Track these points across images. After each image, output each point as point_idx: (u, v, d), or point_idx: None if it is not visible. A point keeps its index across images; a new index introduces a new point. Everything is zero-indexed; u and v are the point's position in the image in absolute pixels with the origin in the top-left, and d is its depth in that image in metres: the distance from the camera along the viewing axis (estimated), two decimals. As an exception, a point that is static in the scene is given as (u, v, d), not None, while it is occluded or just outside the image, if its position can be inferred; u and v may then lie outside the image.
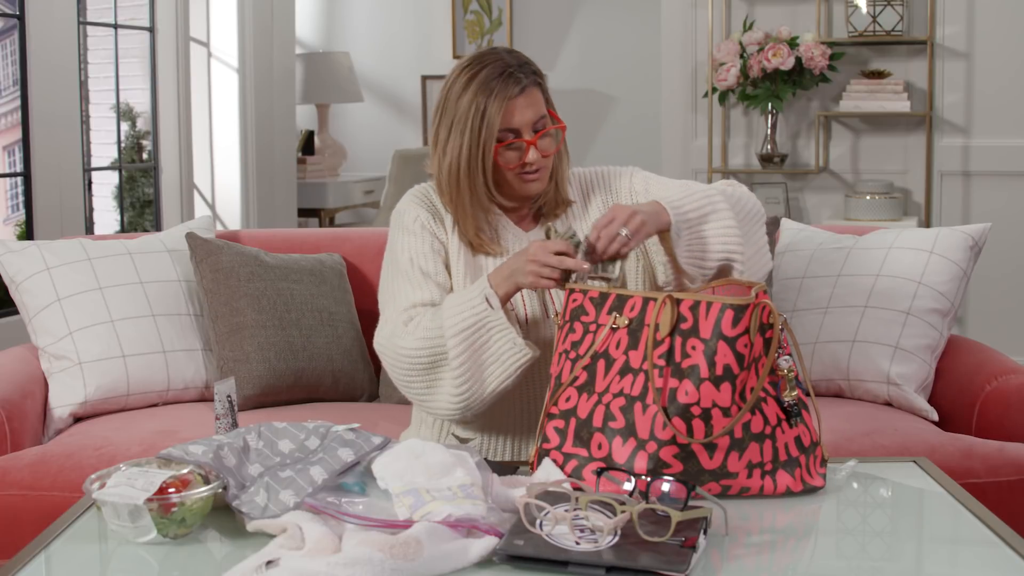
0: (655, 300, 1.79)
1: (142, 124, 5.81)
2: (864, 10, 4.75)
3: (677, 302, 1.78)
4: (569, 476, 1.80)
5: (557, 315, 1.94)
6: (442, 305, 2.06)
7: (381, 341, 2.12)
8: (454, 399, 2.03)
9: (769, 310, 1.75)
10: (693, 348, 1.75)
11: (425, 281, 2.12)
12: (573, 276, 1.93)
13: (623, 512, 1.54)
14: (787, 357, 1.79)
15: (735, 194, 2.14)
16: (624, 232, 1.94)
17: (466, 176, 2.11)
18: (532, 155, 2.10)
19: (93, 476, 1.69)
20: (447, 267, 2.17)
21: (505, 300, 2.02)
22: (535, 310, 2.15)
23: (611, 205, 2.01)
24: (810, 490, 1.80)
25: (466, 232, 2.17)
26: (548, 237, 1.99)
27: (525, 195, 2.16)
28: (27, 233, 4.66)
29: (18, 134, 4.67)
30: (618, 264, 1.95)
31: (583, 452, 1.81)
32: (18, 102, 4.64)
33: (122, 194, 5.64)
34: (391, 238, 2.22)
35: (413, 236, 2.17)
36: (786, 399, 1.79)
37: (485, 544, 1.53)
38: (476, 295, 2.00)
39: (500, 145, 2.10)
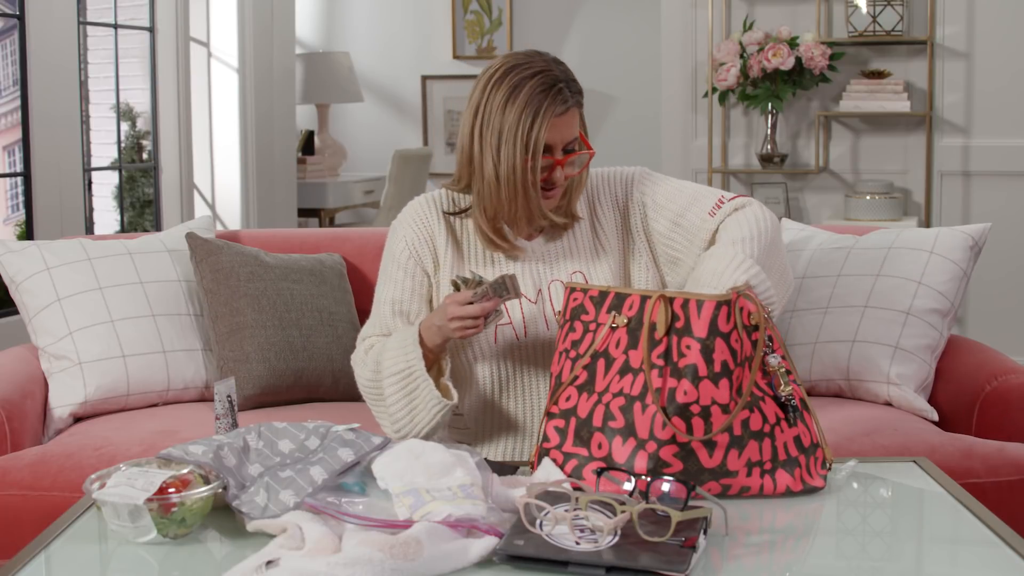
0: (650, 298, 1.80)
1: (142, 124, 5.81)
2: (864, 10, 4.75)
3: (670, 300, 1.78)
4: (569, 476, 1.80)
5: (557, 314, 1.94)
6: (387, 341, 2.12)
7: (352, 362, 2.22)
8: (393, 432, 2.11)
9: (748, 311, 1.77)
10: (688, 347, 1.75)
11: (395, 320, 2.17)
12: (490, 316, 2.01)
13: (623, 512, 1.54)
14: (776, 355, 1.80)
15: (753, 229, 2.05)
16: None
17: (522, 181, 2.05)
18: (558, 175, 2.08)
19: (93, 476, 1.69)
20: (433, 288, 2.19)
21: (439, 350, 2.07)
22: (533, 313, 2.15)
23: None
24: (810, 490, 1.80)
25: (493, 236, 2.15)
26: (457, 289, 2.03)
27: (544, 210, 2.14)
28: (27, 233, 4.66)
29: (18, 134, 4.67)
30: (511, 282, 1.98)
31: (583, 452, 1.81)
32: (18, 102, 4.64)
33: (122, 194, 5.64)
34: (385, 252, 2.24)
35: (398, 268, 2.19)
36: (782, 394, 1.80)
37: (485, 544, 1.53)
38: (410, 342, 2.05)
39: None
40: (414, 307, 2.17)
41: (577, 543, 1.51)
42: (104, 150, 5.60)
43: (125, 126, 5.72)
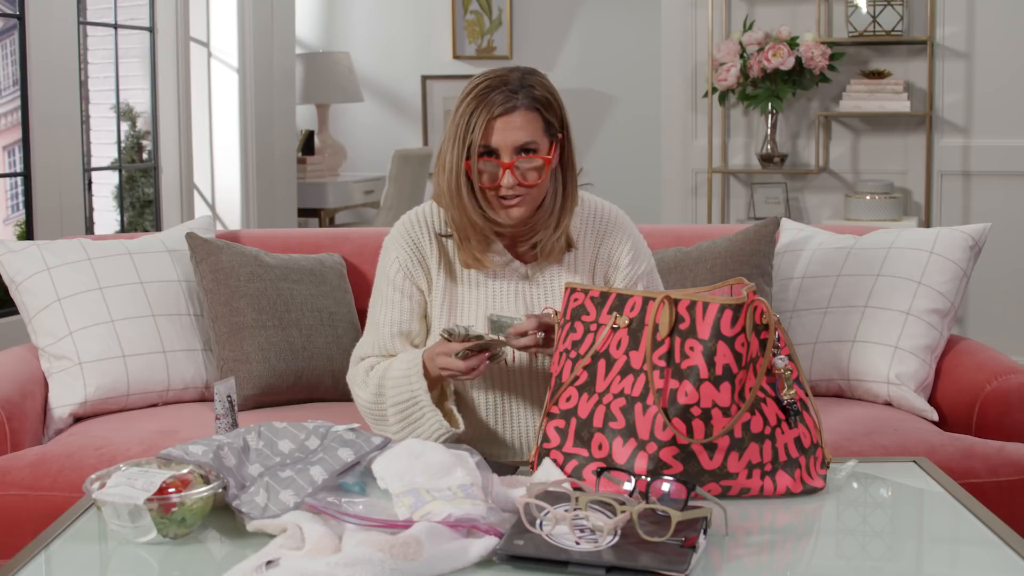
0: (654, 300, 1.80)
1: (142, 124, 5.81)
2: (864, 10, 4.75)
3: (675, 302, 1.78)
4: (569, 476, 1.80)
5: (557, 314, 1.94)
6: (390, 367, 2.12)
7: (348, 379, 2.24)
8: None
9: (761, 310, 1.76)
10: (691, 349, 1.75)
11: (394, 342, 2.18)
12: (494, 358, 2.03)
13: (623, 512, 1.54)
14: (783, 357, 1.79)
15: None
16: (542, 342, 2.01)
17: (456, 188, 2.06)
18: (507, 179, 2.03)
19: (93, 476, 1.69)
20: (428, 305, 2.19)
21: (439, 379, 2.08)
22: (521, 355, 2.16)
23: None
24: (810, 491, 1.80)
25: (467, 254, 2.13)
26: (449, 340, 2.02)
27: (503, 221, 2.09)
28: (27, 233, 4.66)
29: (18, 134, 4.67)
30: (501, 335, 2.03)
31: (583, 452, 1.81)
32: (18, 102, 4.63)
33: (122, 194, 5.64)
34: (379, 269, 2.24)
35: (394, 289, 2.18)
36: (784, 398, 1.79)
37: (485, 544, 1.53)
38: (414, 372, 2.07)
39: (479, 160, 2.04)
40: (414, 327, 2.19)
41: (577, 543, 1.51)
42: (104, 150, 5.60)
43: (125, 126, 5.72)
